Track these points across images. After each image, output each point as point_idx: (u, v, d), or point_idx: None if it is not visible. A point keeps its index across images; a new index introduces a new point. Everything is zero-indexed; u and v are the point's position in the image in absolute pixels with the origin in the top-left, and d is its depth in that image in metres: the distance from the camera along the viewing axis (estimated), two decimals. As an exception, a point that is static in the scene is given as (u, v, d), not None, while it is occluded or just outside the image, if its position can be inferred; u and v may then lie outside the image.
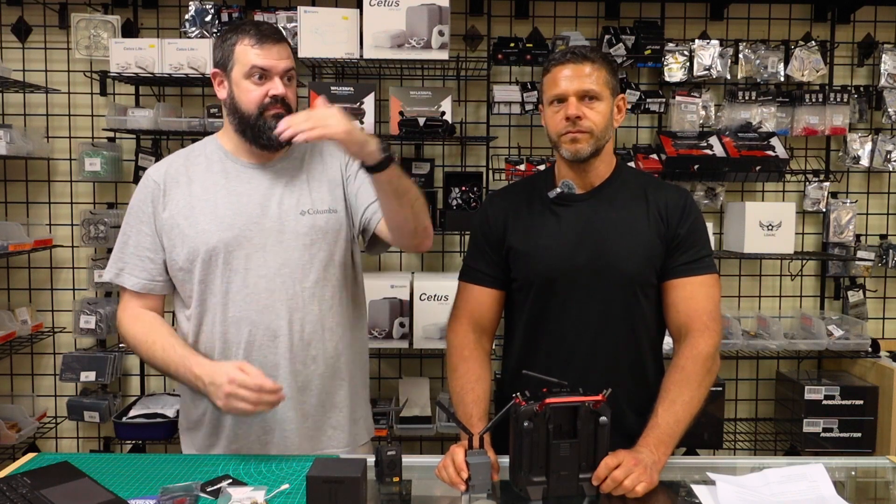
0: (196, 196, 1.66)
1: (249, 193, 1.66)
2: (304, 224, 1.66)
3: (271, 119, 1.60)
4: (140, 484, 1.44)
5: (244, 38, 1.61)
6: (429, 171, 2.99)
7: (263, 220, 1.65)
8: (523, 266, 1.68)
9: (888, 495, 1.60)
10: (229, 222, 1.63)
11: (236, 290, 1.64)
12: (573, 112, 1.59)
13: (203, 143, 1.76)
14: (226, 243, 1.63)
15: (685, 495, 1.43)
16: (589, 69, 1.60)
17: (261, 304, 1.64)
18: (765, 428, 3.15)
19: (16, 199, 3.06)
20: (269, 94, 1.60)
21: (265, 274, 1.64)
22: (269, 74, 1.61)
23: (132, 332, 1.68)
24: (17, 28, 2.98)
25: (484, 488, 1.36)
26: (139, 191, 1.71)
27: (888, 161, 3.01)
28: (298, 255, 1.66)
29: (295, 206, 1.67)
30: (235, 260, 1.63)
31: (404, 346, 2.76)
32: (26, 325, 2.93)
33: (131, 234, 1.69)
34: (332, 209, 1.70)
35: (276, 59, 1.61)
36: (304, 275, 1.66)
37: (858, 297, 3.10)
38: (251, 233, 1.64)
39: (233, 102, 1.64)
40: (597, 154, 1.64)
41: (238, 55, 1.61)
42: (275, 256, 1.64)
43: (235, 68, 1.62)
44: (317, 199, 1.69)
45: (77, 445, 3.12)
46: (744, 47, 3.00)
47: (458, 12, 2.94)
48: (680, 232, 1.65)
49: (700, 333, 1.60)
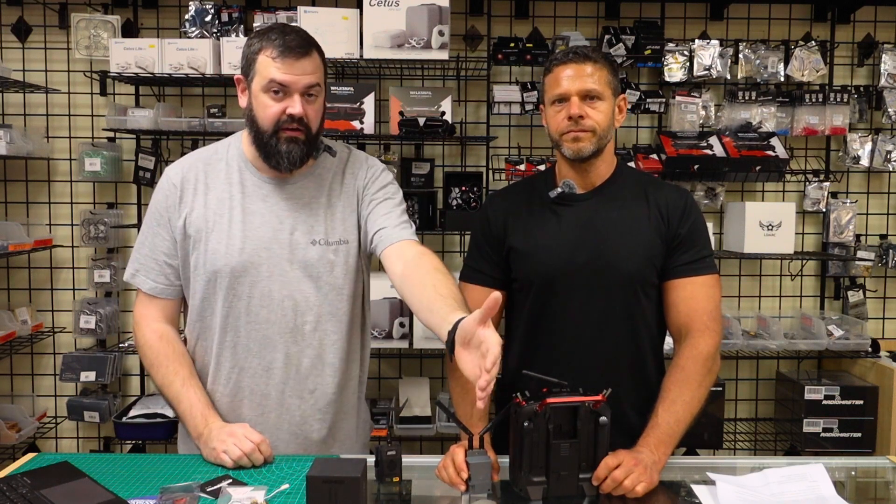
0: (211, 209, 1.60)
1: (263, 214, 1.60)
2: (314, 254, 1.60)
3: (283, 142, 1.53)
4: (140, 484, 1.44)
5: (267, 48, 1.51)
6: (429, 171, 2.99)
7: (273, 245, 1.59)
8: (523, 266, 1.68)
9: (888, 495, 1.60)
10: (239, 246, 1.58)
11: (236, 317, 1.60)
12: (575, 111, 1.59)
13: (226, 144, 1.68)
14: (232, 268, 1.58)
15: (685, 495, 1.43)
16: (591, 69, 1.60)
17: (259, 334, 1.60)
18: (765, 428, 3.15)
19: (16, 199, 3.06)
20: (286, 111, 1.52)
21: (267, 304, 1.59)
22: (288, 91, 1.51)
23: (155, 348, 1.64)
24: (17, 28, 2.98)
25: (484, 488, 1.36)
26: (158, 191, 1.66)
27: (888, 161, 3.01)
28: (304, 287, 1.60)
29: (307, 235, 1.60)
30: (240, 286, 1.59)
31: (404, 346, 2.76)
32: (26, 325, 2.93)
33: (148, 236, 1.65)
34: (342, 240, 1.63)
35: (298, 75, 1.51)
36: (307, 308, 1.60)
37: (858, 297, 3.10)
38: (260, 259, 1.58)
39: (251, 114, 1.57)
40: (598, 154, 1.64)
41: (259, 66, 1.52)
42: (280, 288, 1.59)
43: (255, 79, 1.53)
44: (330, 228, 1.62)
45: (77, 445, 3.12)
46: (744, 47, 3.00)
47: (458, 12, 2.94)
48: (681, 232, 1.65)
49: (700, 333, 1.60)
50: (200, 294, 1.62)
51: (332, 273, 1.62)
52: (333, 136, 2.83)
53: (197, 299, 1.63)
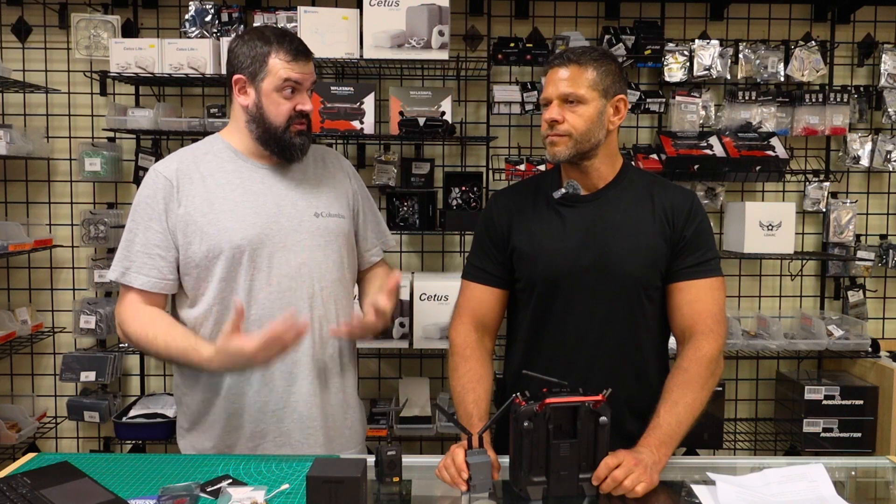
0: (213, 193, 1.66)
1: (265, 193, 1.69)
2: (319, 226, 1.71)
3: (295, 135, 1.66)
4: (140, 484, 1.44)
5: (280, 52, 1.63)
6: (429, 170, 2.99)
7: (281, 219, 1.68)
8: (527, 267, 1.68)
9: (888, 495, 1.60)
10: (251, 220, 1.65)
11: (259, 289, 1.65)
12: (549, 116, 1.61)
13: (206, 142, 1.75)
14: (250, 241, 1.64)
15: (685, 495, 1.43)
16: (573, 72, 1.60)
17: (284, 302, 1.66)
18: (765, 428, 3.15)
19: (16, 199, 3.06)
20: (297, 107, 1.65)
21: (287, 272, 1.67)
22: (300, 89, 1.66)
23: (131, 329, 1.65)
24: (17, 28, 2.98)
25: (485, 488, 1.36)
26: (147, 187, 1.67)
27: (888, 161, 3.01)
28: (315, 254, 1.70)
29: (308, 208, 1.71)
30: (260, 258, 1.65)
31: (404, 346, 2.76)
32: (26, 325, 2.93)
33: (138, 232, 1.66)
34: (340, 214, 1.76)
35: (309, 74, 1.67)
36: (321, 274, 1.70)
37: (858, 297, 3.10)
38: (272, 231, 1.66)
39: (259, 113, 1.66)
40: (586, 157, 1.64)
41: (271, 67, 1.63)
42: (295, 255, 1.68)
43: (267, 80, 1.63)
44: (326, 202, 1.75)
45: (77, 445, 3.12)
46: (744, 47, 3.00)
47: (458, 12, 2.94)
48: (685, 234, 1.64)
49: (704, 336, 1.60)
50: (218, 275, 1.64)
51: (336, 242, 1.74)
52: (333, 136, 2.84)
53: (213, 282, 1.65)
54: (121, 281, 1.68)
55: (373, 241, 1.90)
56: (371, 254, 1.90)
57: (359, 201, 1.85)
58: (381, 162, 2.98)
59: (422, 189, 2.93)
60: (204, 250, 1.63)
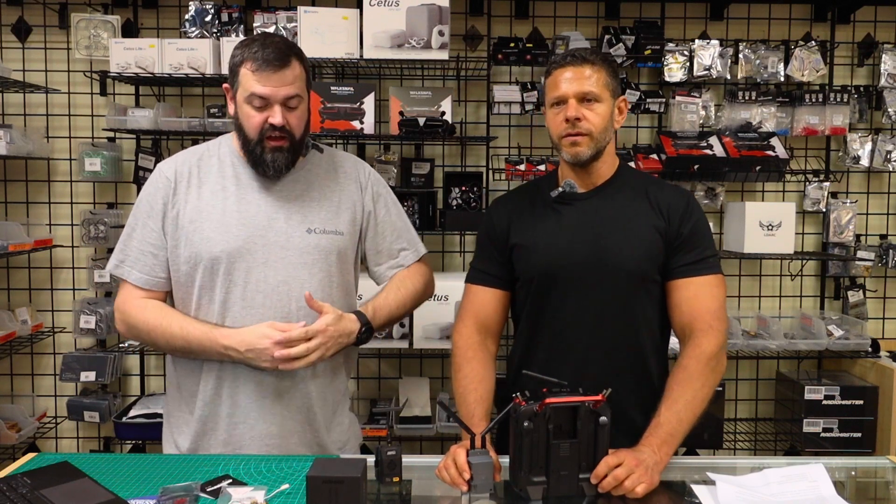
0: (205, 200, 1.65)
1: (258, 203, 1.65)
2: (309, 242, 1.66)
3: (269, 151, 1.60)
4: (140, 484, 1.44)
5: (248, 62, 1.57)
6: (429, 171, 2.99)
7: (269, 233, 1.64)
8: (524, 261, 1.70)
9: (888, 495, 1.60)
10: (235, 232, 1.62)
11: (233, 302, 1.63)
12: (572, 114, 1.60)
13: (217, 142, 1.74)
14: (228, 254, 1.61)
15: (685, 495, 1.43)
16: (589, 71, 1.61)
17: (257, 319, 1.62)
18: (765, 428, 3.15)
19: (16, 199, 3.06)
20: (268, 121, 1.58)
21: (264, 289, 1.63)
22: (268, 102, 1.58)
23: (142, 318, 1.64)
24: (17, 28, 2.98)
25: (486, 488, 1.36)
26: (150, 184, 1.69)
27: (888, 161, 3.01)
28: (299, 273, 1.64)
29: (301, 223, 1.66)
30: (236, 272, 1.62)
31: (404, 346, 2.76)
32: (26, 325, 2.93)
33: (136, 227, 1.67)
34: (337, 231, 1.70)
35: (277, 86, 1.56)
36: (301, 293, 1.63)
37: (858, 297, 3.10)
38: (255, 246, 1.62)
39: (237, 122, 1.64)
40: (598, 156, 1.66)
41: (241, 78, 1.59)
42: (276, 273, 1.63)
43: (238, 91, 1.60)
44: (324, 218, 1.69)
45: (77, 445, 3.12)
46: (744, 47, 3.00)
47: (458, 12, 2.94)
48: (683, 232, 1.65)
49: (704, 333, 1.60)
50: (198, 283, 1.64)
51: (325, 261, 1.67)
52: (333, 136, 2.84)
53: (195, 289, 1.65)
54: (115, 273, 1.69)
55: (388, 255, 1.80)
56: (385, 267, 1.81)
57: (370, 216, 1.77)
58: (381, 162, 2.98)
59: (422, 189, 2.93)
60: (186, 256, 1.64)
